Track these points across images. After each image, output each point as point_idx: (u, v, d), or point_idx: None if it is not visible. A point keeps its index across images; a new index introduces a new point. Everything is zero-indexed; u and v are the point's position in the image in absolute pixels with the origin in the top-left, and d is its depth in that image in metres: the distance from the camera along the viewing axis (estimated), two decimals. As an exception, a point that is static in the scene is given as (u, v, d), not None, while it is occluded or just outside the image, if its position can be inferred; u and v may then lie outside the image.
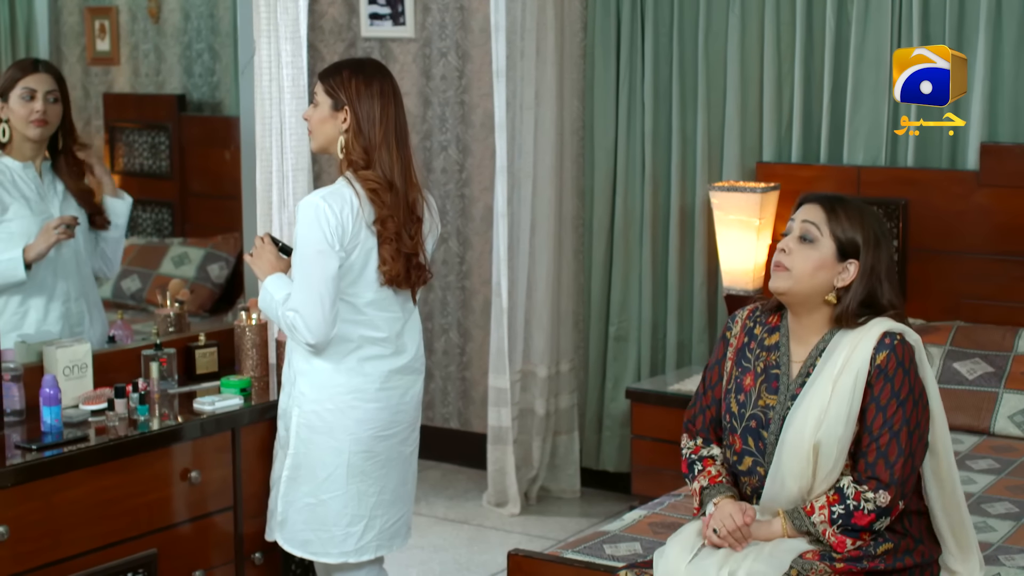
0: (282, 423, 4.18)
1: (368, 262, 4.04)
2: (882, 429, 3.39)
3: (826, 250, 3.48)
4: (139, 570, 4.08)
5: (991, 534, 4.11)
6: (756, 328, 3.65)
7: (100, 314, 4.74)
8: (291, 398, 4.12)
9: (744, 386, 3.59)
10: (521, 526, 6.14)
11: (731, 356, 3.67)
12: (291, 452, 4.11)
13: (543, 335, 6.34)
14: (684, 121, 6.28)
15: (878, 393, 3.41)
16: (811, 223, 3.50)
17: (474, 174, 6.70)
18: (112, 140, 5.39)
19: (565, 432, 6.51)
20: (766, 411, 3.53)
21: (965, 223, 5.61)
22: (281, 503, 4.15)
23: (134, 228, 5.30)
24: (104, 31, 5.36)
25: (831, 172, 5.82)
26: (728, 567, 3.38)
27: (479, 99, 6.62)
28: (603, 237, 6.51)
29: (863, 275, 3.47)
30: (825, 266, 3.48)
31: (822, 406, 3.42)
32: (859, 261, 3.47)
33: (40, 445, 3.90)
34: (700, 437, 3.72)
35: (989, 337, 5.41)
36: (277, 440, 4.23)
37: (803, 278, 3.49)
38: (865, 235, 3.48)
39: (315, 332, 3.96)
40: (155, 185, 5.46)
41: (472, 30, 6.61)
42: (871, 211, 3.55)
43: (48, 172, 4.60)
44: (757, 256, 5.80)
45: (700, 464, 3.68)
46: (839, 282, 3.48)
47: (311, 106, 4.11)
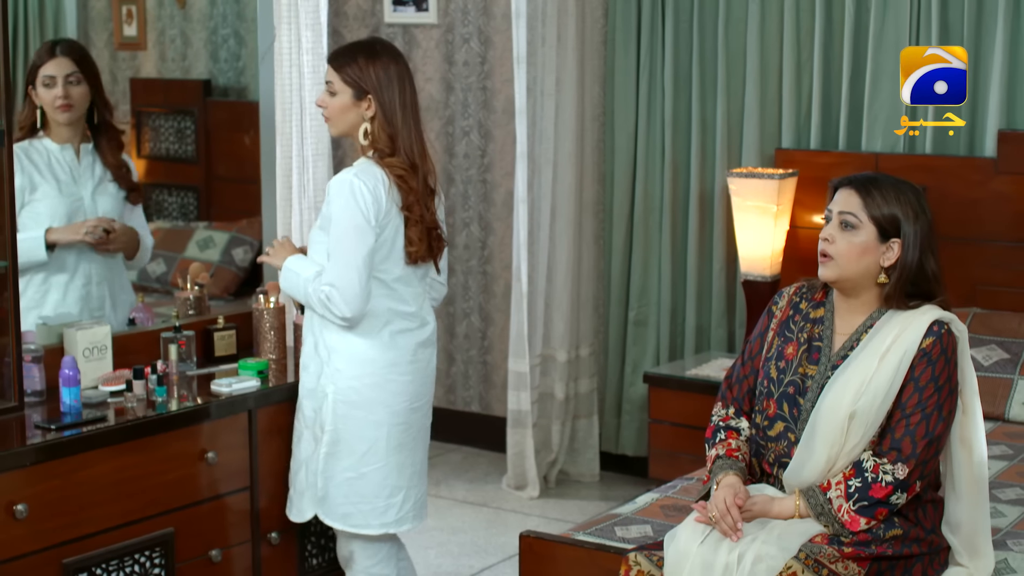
0: (310, 403, 4.23)
1: (397, 239, 4.13)
2: (915, 408, 3.46)
3: (868, 234, 3.53)
4: (156, 548, 4.14)
5: (1000, 519, 4.13)
6: (802, 303, 3.72)
7: (127, 298, 4.80)
8: (323, 376, 4.18)
9: (786, 355, 3.65)
10: (540, 509, 6.18)
11: (774, 327, 3.73)
12: (329, 429, 4.18)
13: (563, 320, 6.38)
14: (704, 108, 6.30)
15: (918, 375, 3.47)
16: (848, 212, 3.55)
17: (496, 160, 6.73)
18: (139, 125, 5.44)
19: (584, 416, 6.55)
20: (804, 379, 3.59)
21: (982, 210, 5.62)
22: (321, 479, 4.21)
23: (160, 212, 5.36)
24: (131, 16, 5.41)
25: (849, 159, 5.84)
26: (738, 549, 3.41)
27: (501, 85, 6.66)
28: (623, 222, 6.54)
29: (907, 250, 3.51)
30: (869, 250, 3.53)
31: (864, 378, 3.48)
32: (901, 239, 3.51)
33: (59, 425, 3.96)
34: (733, 407, 3.77)
35: (1005, 324, 5.42)
36: (301, 420, 4.28)
37: (849, 265, 3.55)
38: (904, 211, 3.52)
39: (352, 306, 4.04)
40: (181, 169, 5.51)
41: (495, 16, 6.65)
42: (907, 185, 3.58)
43: (89, 154, 4.66)
44: (775, 242, 5.82)
45: (724, 434, 3.73)
46: (885, 261, 3.53)
47: (325, 93, 4.15)
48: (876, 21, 5.80)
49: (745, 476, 3.65)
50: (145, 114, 5.47)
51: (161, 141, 5.47)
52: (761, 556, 3.37)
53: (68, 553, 3.93)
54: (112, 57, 5.38)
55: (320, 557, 4.63)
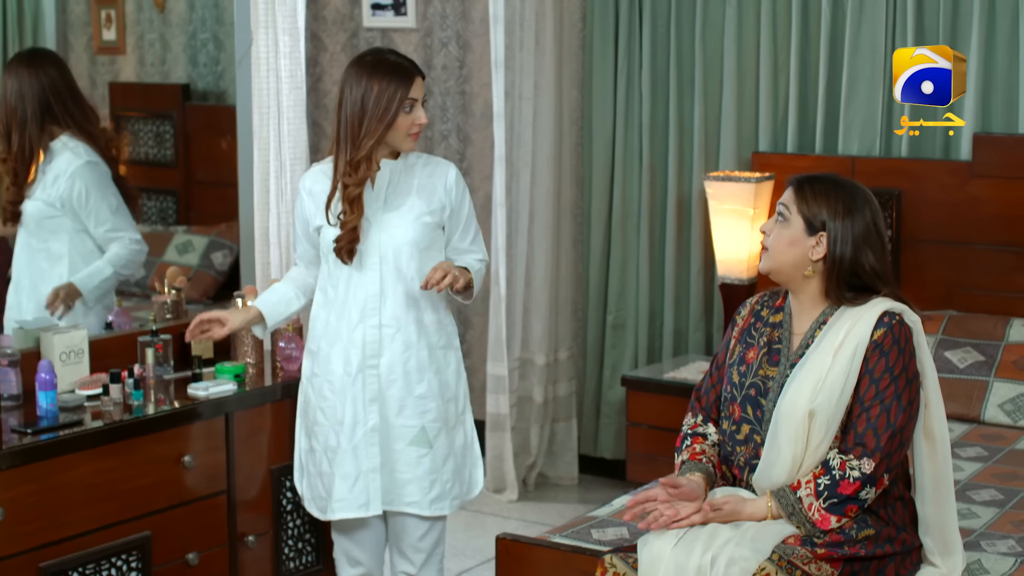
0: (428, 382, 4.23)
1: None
2: (873, 401, 3.47)
3: (796, 227, 3.58)
4: (133, 552, 4.15)
5: (974, 520, 4.16)
6: (763, 311, 3.75)
7: (105, 302, 4.82)
8: (437, 350, 4.25)
9: (746, 359, 3.68)
10: (519, 512, 6.19)
11: (736, 335, 3.76)
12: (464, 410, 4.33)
13: (541, 323, 6.39)
14: (681, 111, 6.32)
15: (872, 366, 3.49)
16: (782, 204, 3.63)
17: (474, 164, 6.74)
18: (118, 129, 5.45)
19: (563, 419, 6.56)
20: (766, 380, 3.62)
21: (958, 213, 5.65)
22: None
23: (139, 216, 5.36)
24: (111, 20, 5.42)
25: (826, 162, 5.86)
26: (711, 552, 3.42)
27: (480, 89, 6.67)
28: (601, 226, 6.56)
29: (834, 244, 3.55)
30: (796, 242, 3.58)
31: (820, 375, 3.50)
32: (827, 233, 3.55)
33: (36, 429, 3.97)
34: (702, 415, 3.80)
35: (981, 326, 5.45)
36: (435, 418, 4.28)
37: (779, 255, 3.61)
38: (832, 207, 3.56)
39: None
40: (160, 173, 5.52)
41: (473, 20, 6.66)
42: (848, 185, 3.62)
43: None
44: (752, 246, 5.84)
45: (690, 440, 3.76)
46: (814, 255, 3.57)
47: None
48: (852, 25, 5.82)
49: (712, 476, 3.67)
50: (124, 118, 5.48)
51: (140, 145, 5.48)
52: (734, 558, 3.38)
53: (45, 557, 3.94)
54: (91, 61, 5.39)
55: (297, 560, 4.64)
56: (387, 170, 4.11)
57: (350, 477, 4.13)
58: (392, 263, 4.11)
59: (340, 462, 4.13)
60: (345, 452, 4.13)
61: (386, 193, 4.11)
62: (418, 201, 4.14)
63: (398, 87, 4.02)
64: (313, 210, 4.13)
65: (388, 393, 4.14)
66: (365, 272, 4.11)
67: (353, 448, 4.12)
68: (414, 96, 4.04)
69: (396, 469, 4.16)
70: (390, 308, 4.13)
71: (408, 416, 4.15)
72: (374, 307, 4.12)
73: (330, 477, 4.15)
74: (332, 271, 4.14)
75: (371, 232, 4.09)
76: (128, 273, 4.82)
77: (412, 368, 4.15)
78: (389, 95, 4.01)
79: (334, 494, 4.14)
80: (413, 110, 4.05)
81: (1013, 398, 5.20)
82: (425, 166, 4.19)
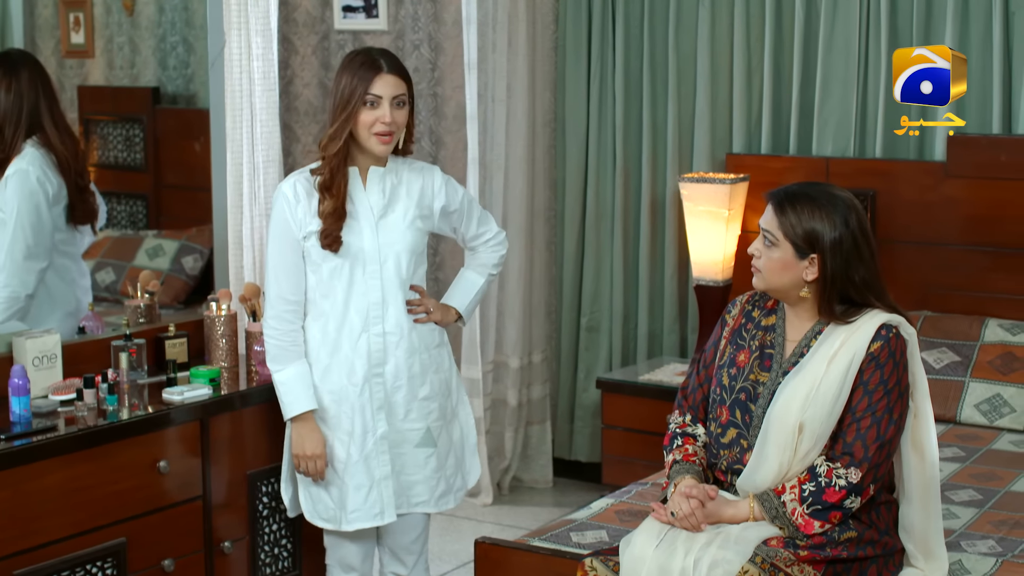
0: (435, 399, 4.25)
1: None
2: (865, 412, 3.47)
3: (785, 252, 3.55)
4: (108, 559, 4.10)
5: (954, 521, 4.16)
6: (755, 311, 3.74)
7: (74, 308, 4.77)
8: (433, 349, 4.23)
9: (737, 362, 3.67)
10: (494, 516, 6.17)
11: (727, 336, 3.74)
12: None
13: (515, 326, 6.37)
14: (655, 113, 6.31)
15: (867, 378, 3.49)
16: (767, 230, 3.58)
17: (447, 166, 6.71)
18: (87, 133, 5.40)
19: (537, 422, 6.55)
20: (756, 385, 3.61)
21: (933, 214, 5.65)
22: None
23: (109, 220, 5.31)
24: (79, 24, 5.37)
25: (800, 163, 5.86)
26: (693, 554, 3.42)
27: (452, 91, 6.64)
28: (575, 228, 6.55)
29: (826, 265, 3.52)
30: (789, 266, 3.56)
31: (813, 384, 3.49)
32: (819, 255, 3.52)
33: (9, 435, 3.92)
34: (690, 414, 3.79)
35: (956, 326, 5.45)
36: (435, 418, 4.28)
37: (772, 278, 3.59)
38: (819, 227, 3.52)
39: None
40: (129, 178, 5.48)
41: (445, 22, 6.63)
42: (827, 196, 3.56)
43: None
44: (727, 247, 5.84)
45: (681, 440, 3.75)
46: (807, 276, 3.55)
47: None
48: (826, 26, 5.83)
49: (702, 480, 3.66)
50: (93, 122, 5.43)
51: (110, 149, 5.44)
52: (717, 560, 3.37)
53: (19, 564, 3.88)
54: (59, 65, 5.34)
55: (274, 565, 4.61)
56: (376, 177, 4.10)
57: (364, 487, 4.13)
58: (392, 269, 4.10)
59: (352, 473, 4.13)
60: (357, 463, 4.12)
61: (379, 200, 4.10)
62: (411, 207, 4.14)
63: (360, 81, 4.01)
64: (300, 215, 4.09)
65: (394, 399, 4.14)
66: (365, 280, 4.09)
67: (365, 458, 4.12)
68: (377, 92, 4.01)
69: (404, 472, 4.17)
70: (393, 315, 4.12)
71: (414, 419, 4.16)
72: (377, 315, 4.10)
73: (339, 488, 4.15)
74: (327, 281, 4.11)
75: (368, 239, 4.08)
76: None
77: (416, 372, 4.16)
78: (352, 87, 4.02)
79: (348, 505, 4.15)
80: (377, 107, 4.02)
81: (989, 398, 5.20)
82: (411, 171, 4.19)
